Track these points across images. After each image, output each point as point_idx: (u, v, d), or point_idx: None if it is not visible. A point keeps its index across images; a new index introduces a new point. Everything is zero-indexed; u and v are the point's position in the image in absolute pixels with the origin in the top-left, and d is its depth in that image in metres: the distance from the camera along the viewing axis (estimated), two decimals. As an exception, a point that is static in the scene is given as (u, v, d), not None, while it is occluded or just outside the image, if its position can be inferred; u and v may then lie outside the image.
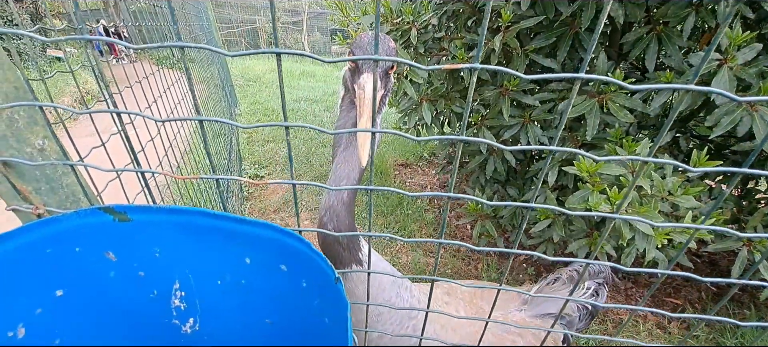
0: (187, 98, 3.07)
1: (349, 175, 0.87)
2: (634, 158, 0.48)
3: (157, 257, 0.69)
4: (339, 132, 0.54)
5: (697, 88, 0.41)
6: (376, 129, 0.51)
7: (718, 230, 0.52)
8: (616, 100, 1.73)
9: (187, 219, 0.63)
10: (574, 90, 0.45)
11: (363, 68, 0.78)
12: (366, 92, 0.74)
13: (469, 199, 0.55)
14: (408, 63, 0.46)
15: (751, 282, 0.60)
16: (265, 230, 0.60)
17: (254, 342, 0.82)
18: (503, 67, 0.43)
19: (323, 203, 0.90)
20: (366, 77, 0.76)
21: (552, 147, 0.50)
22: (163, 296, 0.76)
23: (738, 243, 2.07)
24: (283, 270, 0.64)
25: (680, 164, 0.47)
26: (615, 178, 1.63)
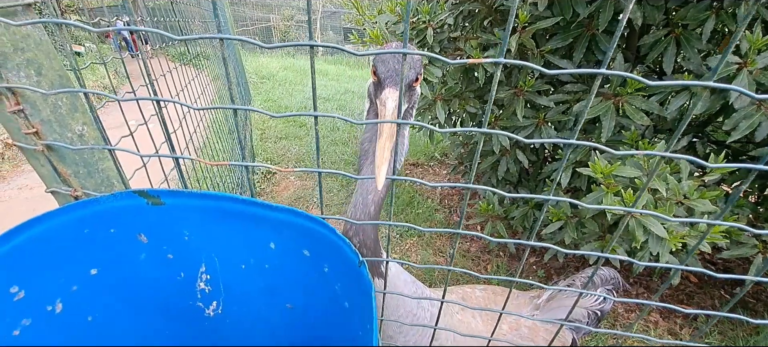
0: (206, 91, 3.13)
1: (376, 189, 0.85)
2: (653, 153, 0.50)
3: (186, 240, 0.73)
4: (366, 122, 0.56)
5: (717, 85, 0.43)
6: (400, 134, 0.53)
7: (736, 227, 0.53)
8: (633, 102, 1.72)
9: (216, 204, 0.67)
10: (594, 88, 0.47)
11: (386, 82, 0.73)
12: (387, 108, 0.70)
13: (489, 190, 0.57)
14: (434, 56, 0.48)
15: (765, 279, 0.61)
16: (291, 216, 0.63)
17: (274, 326, 0.85)
18: (527, 63, 0.45)
19: (350, 214, 0.85)
20: (388, 93, 0.72)
21: (571, 141, 0.51)
22: (190, 279, 0.79)
23: (753, 250, 2.04)
24: (306, 256, 0.67)
25: (698, 160, 0.48)
26: (630, 180, 1.63)
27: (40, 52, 0.65)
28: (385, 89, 0.72)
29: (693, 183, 1.60)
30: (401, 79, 0.48)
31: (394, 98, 0.70)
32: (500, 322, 1.29)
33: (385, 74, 0.73)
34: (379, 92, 0.75)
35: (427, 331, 1.07)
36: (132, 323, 0.84)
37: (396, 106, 0.69)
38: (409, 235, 3.12)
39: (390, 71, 0.72)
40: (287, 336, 0.86)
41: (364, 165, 0.88)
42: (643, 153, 0.49)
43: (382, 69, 0.73)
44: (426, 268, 0.72)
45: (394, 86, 0.72)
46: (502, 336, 1.25)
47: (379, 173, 0.63)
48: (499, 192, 0.58)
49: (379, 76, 0.74)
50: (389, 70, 0.72)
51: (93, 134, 0.74)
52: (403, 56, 0.53)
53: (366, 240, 0.81)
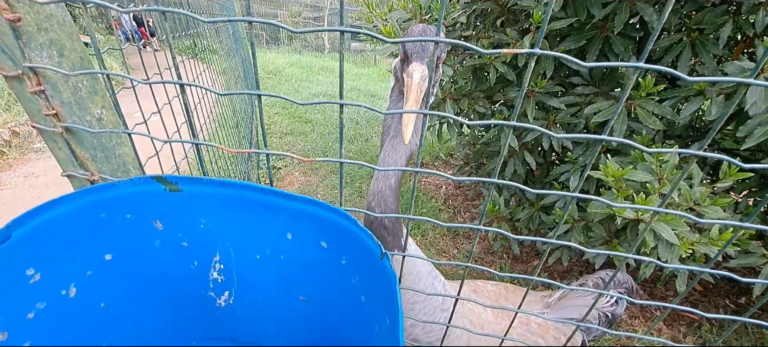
0: (215, 85, 3.12)
1: (397, 163, 0.89)
2: (669, 151, 0.49)
3: (202, 228, 0.72)
4: (390, 112, 0.56)
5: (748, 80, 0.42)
6: (421, 110, 0.53)
7: (760, 229, 0.52)
8: (646, 106, 1.71)
9: (234, 192, 0.66)
10: (629, 84, 0.46)
11: (412, 57, 0.79)
12: (414, 79, 0.76)
13: (510, 184, 0.56)
14: (464, 45, 0.47)
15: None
16: (309, 206, 0.62)
17: (287, 319, 0.84)
18: (559, 55, 0.44)
19: (372, 189, 0.92)
20: (414, 66, 0.78)
21: (603, 137, 0.50)
22: (203, 267, 0.79)
23: (762, 260, 2.02)
24: (323, 247, 0.66)
25: (716, 155, 0.47)
26: (641, 184, 1.61)
27: (63, 33, 0.65)
28: (411, 63, 0.78)
29: (705, 190, 1.59)
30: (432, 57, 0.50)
31: (419, 70, 0.77)
32: (510, 316, 1.29)
33: (412, 49, 0.79)
34: (405, 66, 0.81)
35: (437, 312, 1.08)
36: (143, 310, 0.84)
37: (421, 76, 0.76)
38: (413, 234, 3.11)
39: (417, 46, 0.79)
40: (299, 330, 0.86)
41: (386, 140, 0.94)
42: (672, 151, 0.48)
43: (409, 46, 0.80)
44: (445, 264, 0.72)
45: (420, 60, 0.78)
46: (513, 330, 1.24)
47: (407, 129, 0.72)
48: (520, 187, 0.57)
49: (407, 53, 0.80)
50: (416, 46, 0.79)
51: (111, 118, 0.73)
52: (435, 44, 0.53)
53: (387, 212, 0.86)
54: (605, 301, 1.39)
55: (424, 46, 0.78)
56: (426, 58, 0.80)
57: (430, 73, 0.76)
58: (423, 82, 0.77)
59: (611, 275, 1.46)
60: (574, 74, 2.02)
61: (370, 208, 0.92)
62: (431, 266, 1.10)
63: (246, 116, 4.14)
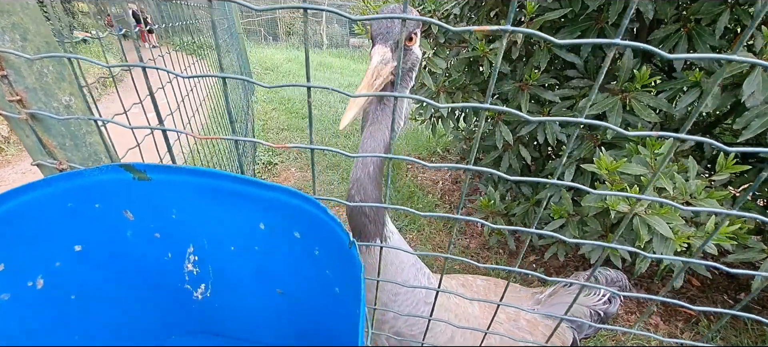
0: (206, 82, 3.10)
1: (375, 149, 0.87)
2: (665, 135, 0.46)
3: (174, 219, 0.70)
4: (357, 95, 0.54)
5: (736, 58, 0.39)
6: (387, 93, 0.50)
7: (749, 216, 0.49)
8: (641, 98, 1.68)
9: (204, 181, 0.64)
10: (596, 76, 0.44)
11: (375, 39, 0.76)
12: (372, 62, 0.73)
13: (492, 172, 0.54)
14: (432, 22, 0.45)
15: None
16: (281, 194, 0.60)
17: (264, 312, 0.82)
18: (538, 32, 0.41)
19: (351, 176, 0.91)
20: (375, 49, 0.75)
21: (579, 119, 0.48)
22: (177, 259, 0.77)
23: (761, 255, 1.99)
24: (296, 237, 0.64)
25: (709, 140, 0.45)
26: (635, 177, 1.59)
27: (27, 17, 0.63)
28: (374, 45, 0.75)
29: (701, 183, 1.56)
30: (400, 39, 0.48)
31: (380, 53, 0.74)
32: (498, 311, 1.27)
33: (376, 32, 0.75)
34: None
35: (420, 304, 1.06)
36: (118, 304, 0.82)
37: (380, 59, 0.73)
38: (409, 230, 3.09)
39: (381, 28, 0.75)
40: (278, 323, 0.84)
41: (365, 126, 0.91)
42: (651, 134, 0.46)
43: (374, 26, 0.76)
44: (423, 255, 0.70)
45: (382, 43, 0.75)
46: (499, 325, 1.22)
47: (345, 116, 0.67)
48: (491, 171, 0.55)
49: (372, 36, 0.77)
50: (380, 27, 0.75)
51: (81, 106, 0.71)
52: (402, 24, 0.50)
53: (367, 200, 0.85)
54: (597, 299, 1.36)
55: (389, 28, 0.74)
56: (390, 40, 0.77)
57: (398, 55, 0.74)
58: (382, 66, 0.74)
59: (603, 272, 1.45)
60: (569, 67, 2.00)
61: (350, 196, 0.90)
62: (416, 257, 1.08)
63: (242, 111, 4.12)
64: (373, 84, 0.73)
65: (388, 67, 0.77)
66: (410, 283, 1.04)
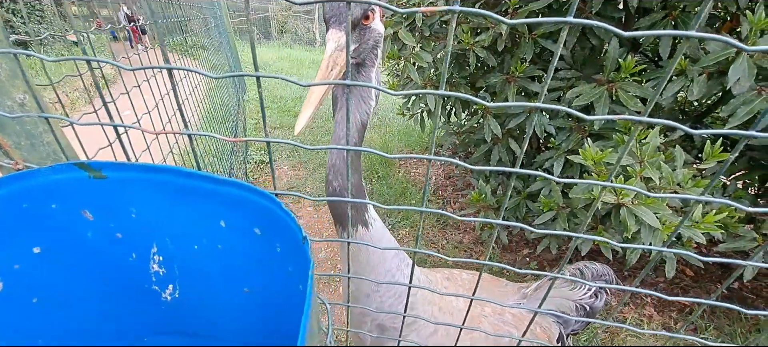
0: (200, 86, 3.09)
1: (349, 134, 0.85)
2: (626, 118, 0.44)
3: (134, 218, 0.68)
4: (311, 84, 0.52)
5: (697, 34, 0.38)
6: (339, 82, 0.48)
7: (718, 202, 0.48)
8: (627, 88, 1.66)
9: (161, 178, 0.62)
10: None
11: (330, 23, 0.71)
12: (327, 49, 0.69)
13: (455, 162, 0.52)
14: (381, 4, 0.43)
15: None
16: (237, 190, 0.58)
17: (234, 311, 0.81)
18: (488, 13, 0.40)
19: (328, 163, 0.89)
20: (329, 34, 0.71)
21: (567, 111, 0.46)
22: (142, 260, 0.75)
23: (752, 243, 1.99)
24: (257, 234, 0.62)
25: (667, 122, 0.43)
26: (622, 168, 1.57)
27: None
28: (328, 30, 0.71)
29: (688, 172, 1.55)
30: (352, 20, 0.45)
31: (334, 39, 0.69)
32: (483, 305, 1.25)
33: (328, 14, 0.71)
34: None
35: (403, 297, 1.05)
36: (84, 306, 0.80)
37: (336, 46, 0.69)
38: (402, 226, 3.08)
39: (332, 10, 0.70)
40: (248, 322, 0.82)
41: (335, 112, 0.89)
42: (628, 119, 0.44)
43: (326, 9, 0.71)
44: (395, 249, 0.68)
45: (336, 27, 0.70)
46: (485, 319, 1.21)
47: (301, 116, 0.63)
48: (457, 163, 0.53)
49: (325, 19, 0.72)
50: (331, 9, 0.70)
51: (35, 104, 0.69)
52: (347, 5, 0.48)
53: (345, 185, 0.82)
54: (583, 293, 1.35)
55: (340, 9, 0.70)
56: (344, 23, 0.72)
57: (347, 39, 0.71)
58: (337, 53, 0.70)
59: (589, 266, 1.43)
60: (557, 59, 1.98)
61: (328, 183, 0.89)
62: (399, 251, 1.06)
63: (233, 110, 4.09)
64: (330, 75, 0.70)
65: (344, 52, 0.74)
66: (393, 273, 1.02)
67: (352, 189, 0.85)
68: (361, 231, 0.91)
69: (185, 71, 2.12)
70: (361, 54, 0.80)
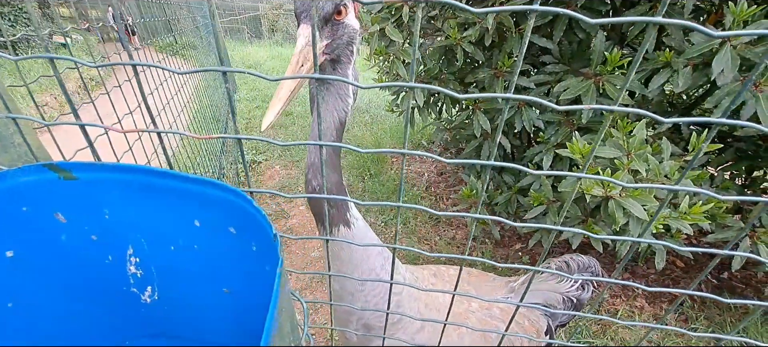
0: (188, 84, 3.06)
1: (325, 133, 0.85)
2: (604, 109, 0.44)
3: (108, 219, 0.67)
4: (279, 78, 0.51)
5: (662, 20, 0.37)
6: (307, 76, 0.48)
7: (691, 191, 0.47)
8: (613, 81, 1.67)
9: (133, 178, 0.60)
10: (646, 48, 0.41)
11: (300, 18, 0.71)
12: (297, 46, 0.68)
13: (430, 156, 0.51)
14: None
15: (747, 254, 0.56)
16: (210, 188, 0.57)
17: (215, 313, 0.80)
18: (449, 3, 0.39)
19: (307, 162, 0.89)
20: (300, 30, 0.70)
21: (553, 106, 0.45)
22: (118, 262, 0.74)
23: (740, 233, 2.00)
24: (232, 233, 0.61)
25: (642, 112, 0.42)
26: (609, 161, 1.58)
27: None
28: (299, 25, 0.70)
29: (675, 163, 1.56)
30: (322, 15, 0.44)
31: (304, 34, 0.69)
32: (470, 300, 1.25)
33: (299, 9, 0.70)
34: None
35: (391, 300, 1.04)
36: (62, 310, 0.79)
37: (306, 42, 0.68)
38: (394, 223, 3.07)
39: (302, 5, 0.69)
40: (231, 324, 0.81)
41: (313, 110, 0.87)
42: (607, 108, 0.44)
43: (297, 5, 0.70)
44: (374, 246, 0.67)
45: (307, 22, 0.70)
46: (472, 314, 1.21)
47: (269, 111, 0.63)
48: (422, 153, 0.52)
49: (296, 14, 0.71)
50: (303, 4, 0.69)
51: (2, 104, 0.67)
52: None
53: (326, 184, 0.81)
54: (570, 286, 1.35)
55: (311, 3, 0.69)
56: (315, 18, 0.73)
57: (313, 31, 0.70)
58: (309, 49, 0.70)
59: (575, 258, 1.44)
60: (544, 53, 1.98)
61: (307, 182, 0.88)
62: (383, 249, 1.06)
63: (224, 110, 4.06)
64: (300, 71, 0.69)
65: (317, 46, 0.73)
66: (376, 272, 1.02)
67: (327, 185, 0.84)
68: (343, 231, 0.91)
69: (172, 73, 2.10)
70: (336, 50, 0.79)
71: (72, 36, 10.45)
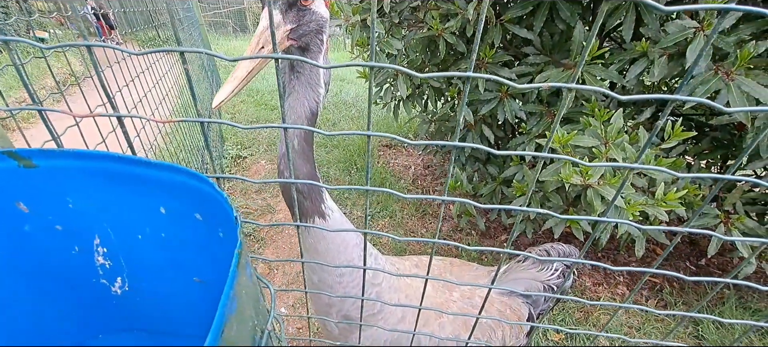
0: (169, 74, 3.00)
1: (296, 122, 0.84)
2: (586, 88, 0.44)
3: (71, 208, 0.65)
4: (238, 58, 0.50)
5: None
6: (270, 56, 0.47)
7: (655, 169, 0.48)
8: (593, 71, 1.69)
9: (94, 165, 0.59)
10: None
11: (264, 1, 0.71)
12: (259, 27, 0.69)
13: (390, 137, 0.51)
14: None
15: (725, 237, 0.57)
16: (173, 174, 0.56)
17: (188, 303, 0.79)
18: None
19: (279, 152, 0.88)
20: (264, 13, 0.70)
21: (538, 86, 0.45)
22: (86, 253, 0.72)
23: (715, 220, 2.06)
24: (198, 220, 0.61)
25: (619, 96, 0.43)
26: (588, 150, 1.60)
27: None
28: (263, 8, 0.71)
29: (651, 152, 1.59)
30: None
31: (264, 17, 0.69)
32: (451, 290, 1.26)
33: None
34: None
35: (368, 286, 1.05)
36: (31, 304, 0.77)
37: (267, 24, 0.68)
38: (381, 216, 3.08)
39: None
40: (205, 314, 0.80)
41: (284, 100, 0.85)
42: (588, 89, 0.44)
43: None
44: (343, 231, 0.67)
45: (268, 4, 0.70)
46: (454, 303, 1.22)
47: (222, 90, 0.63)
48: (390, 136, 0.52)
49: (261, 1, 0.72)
50: None
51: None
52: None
53: (298, 175, 0.83)
54: (550, 273, 1.38)
55: None
56: (278, 1, 0.73)
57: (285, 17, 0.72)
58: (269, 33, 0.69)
59: (555, 246, 1.46)
60: (526, 44, 1.99)
61: (279, 173, 0.87)
62: (360, 237, 1.06)
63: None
64: (260, 53, 0.69)
65: (280, 30, 0.73)
66: (355, 262, 1.02)
67: (299, 176, 0.83)
68: (318, 223, 0.90)
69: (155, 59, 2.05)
70: (303, 37, 0.79)
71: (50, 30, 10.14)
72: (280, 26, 0.72)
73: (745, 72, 1.49)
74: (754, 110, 0.40)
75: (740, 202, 2.05)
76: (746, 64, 1.46)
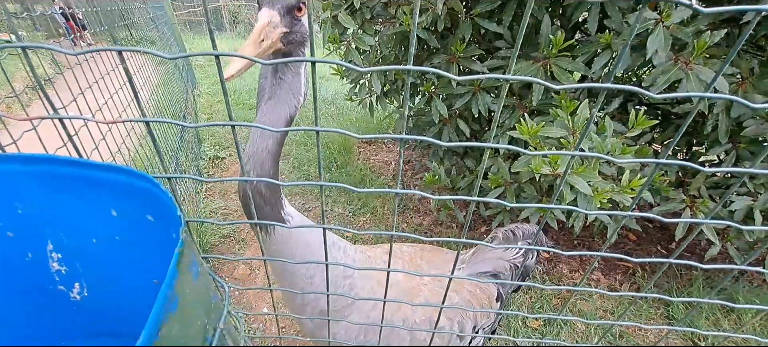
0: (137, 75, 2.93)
1: (274, 125, 0.84)
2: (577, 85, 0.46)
3: (21, 213, 0.63)
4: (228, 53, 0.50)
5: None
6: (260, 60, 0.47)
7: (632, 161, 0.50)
8: (560, 63, 1.73)
9: (39, 168, 0.58)
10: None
11: (262, 3, 0.75)
12: (259, 23, 0.72)
13: (342, 132, 0.52)
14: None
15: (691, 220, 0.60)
16: (119, 174, 0.56)
17: (148, 307, 0.78)
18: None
19: (247, 150, 0.87)
20: (262, 13, 0.74)
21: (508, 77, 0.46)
22: (40, 258, 0.70)
23: (681, 205, 2.14)
24: (151, 221, 0.60)
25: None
26: (557, 140, 1.64)
27: None
28: (260, 9, 0.75)
29: (616, 140, 1.64)
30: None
31: (267, 15, 0.73)
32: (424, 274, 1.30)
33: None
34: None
35: (339, 280, 1.06)
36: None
37: (268, 22, 0.72)
38: (362, 213, 3.09)
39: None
40: (168, 315, 0.79)
41: (262, 103, 0.88)
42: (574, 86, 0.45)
43: None
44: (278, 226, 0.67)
45: (269, 6, 0.75)
46: (424, 286, 1.24)
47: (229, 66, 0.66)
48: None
49: (259, 2, 0.76)
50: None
51: None
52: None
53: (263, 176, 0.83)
54: (514, 253, 1.42)
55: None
56: (277, 5, 0.75)
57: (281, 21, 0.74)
58: (270, 29, 0.73)
59: (520, 227, 1.50)
60: (497, 38, 2.02)
61: (245, 173, 0.87)
62: (328, 233, 1.06)
63: (182, 105, 3.92)
64: (260, 45, 0.71)
65: (277, 31, 0.75)
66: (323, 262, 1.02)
67: (264, 175, 0.83)
68: (278, 230, 0.91)
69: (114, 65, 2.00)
70: (290, 45, 0.83)
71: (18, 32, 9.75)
72: (278, 27, 0.75)
73: (703, 61, 1.55)
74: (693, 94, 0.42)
75: (704, 186, 2.14)
76: (704, 54, 1.52)
